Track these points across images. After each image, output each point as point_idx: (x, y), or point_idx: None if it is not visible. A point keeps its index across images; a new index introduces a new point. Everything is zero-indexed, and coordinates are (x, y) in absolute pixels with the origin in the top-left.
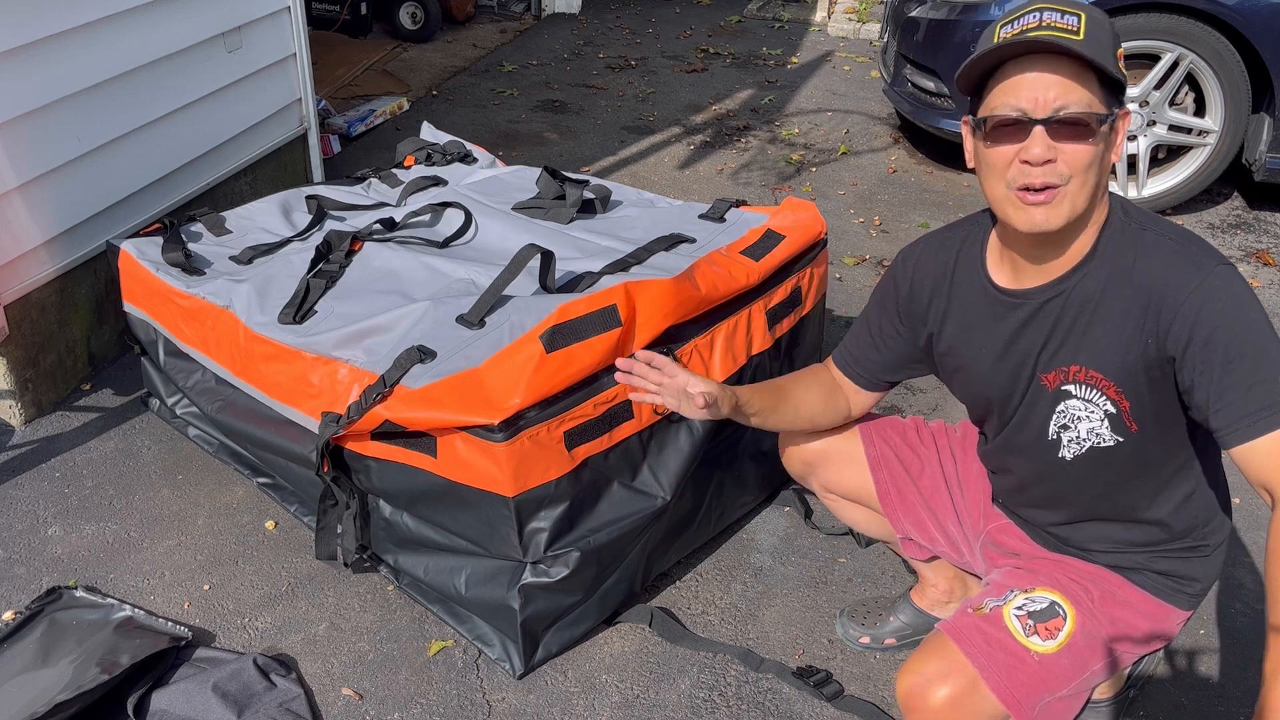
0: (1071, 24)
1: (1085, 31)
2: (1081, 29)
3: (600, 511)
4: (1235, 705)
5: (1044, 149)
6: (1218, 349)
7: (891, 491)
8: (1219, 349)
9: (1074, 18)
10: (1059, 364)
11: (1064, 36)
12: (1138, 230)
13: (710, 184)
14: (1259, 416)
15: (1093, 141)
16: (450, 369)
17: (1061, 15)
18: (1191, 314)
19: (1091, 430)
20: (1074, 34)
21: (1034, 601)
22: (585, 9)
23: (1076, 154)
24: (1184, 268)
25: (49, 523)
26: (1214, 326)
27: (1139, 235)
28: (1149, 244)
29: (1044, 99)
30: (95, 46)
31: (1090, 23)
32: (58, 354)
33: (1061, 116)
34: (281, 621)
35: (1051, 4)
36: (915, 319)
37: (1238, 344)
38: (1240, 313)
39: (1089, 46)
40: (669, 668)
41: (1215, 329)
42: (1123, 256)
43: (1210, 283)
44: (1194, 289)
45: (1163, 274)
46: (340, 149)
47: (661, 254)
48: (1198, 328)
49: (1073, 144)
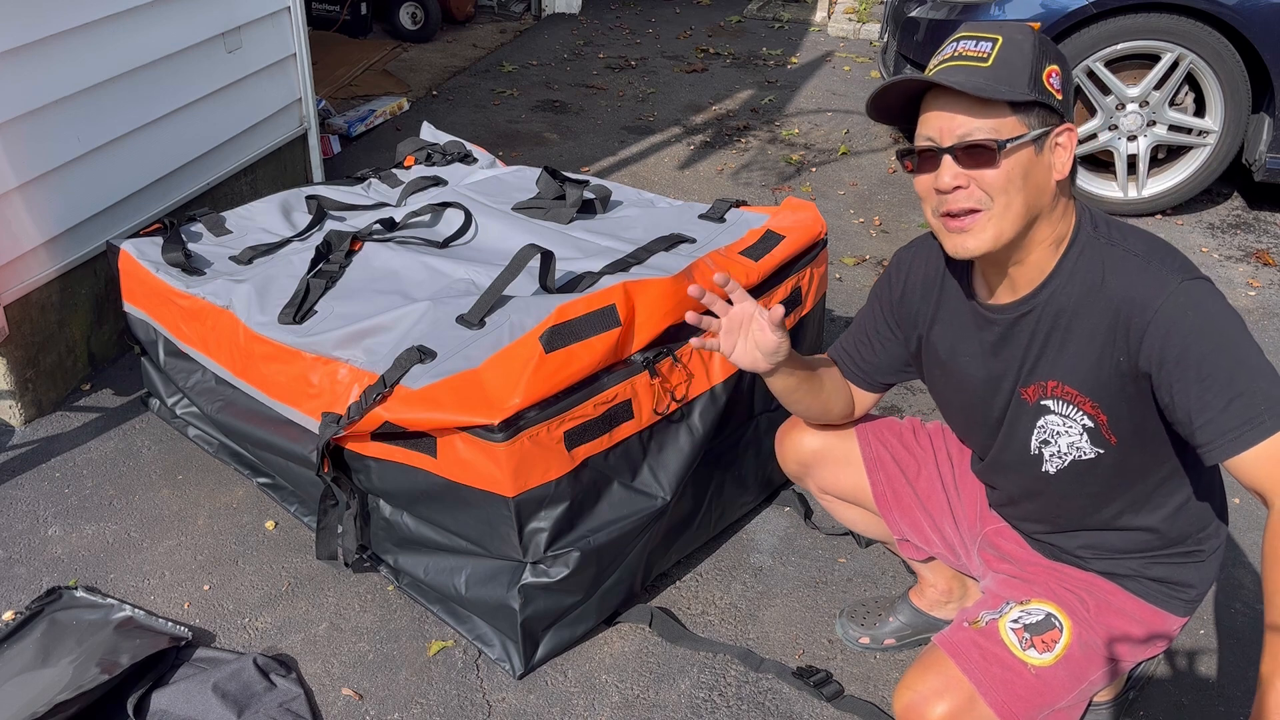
0: (984, 50)
1: (995, 58)
2: (993, 55)
3: (600, 511)
4: (1235, 705)
5: (952, 176)
6: (1191, 366)
7: (887, 493)
8: (1192, 366)
9: (989, 43)
10: (1036, 379)
11: (970, 65)
12: (1105, 245)
13: (710, 184)
14: (1241, 431)
15: (997, 165)
16: (450, 369)
17: (976, 43)
18: (1160, 332)
19: (1071, 444)
20: (982, 62)
21: (1030, 614)
22: (585, 9)
23: (985, 178)
24: (1149, 285)
25: (49, 523)
26: (1185, 344)
27: (1107, 250)
28: (1116, 259)
29: (948, 128)
30: (95, 46)
31: (1005, 47)
32: (58, 354)
33: (965, 144)
34: (281, 621)
35: (973, 32)
36: (906, 323)
37: (1211, 360)
38: (1210, 327)
39: (993, 73)
40: (669, 668)
41: (1187, 346)
42: (1092, 271)
43: (1177, 299)
44: (1159, 307)
45: (1129, 291)
46: (340, 149)
47: (661, 254)
48: (1168, 346)
49: (979, 170)
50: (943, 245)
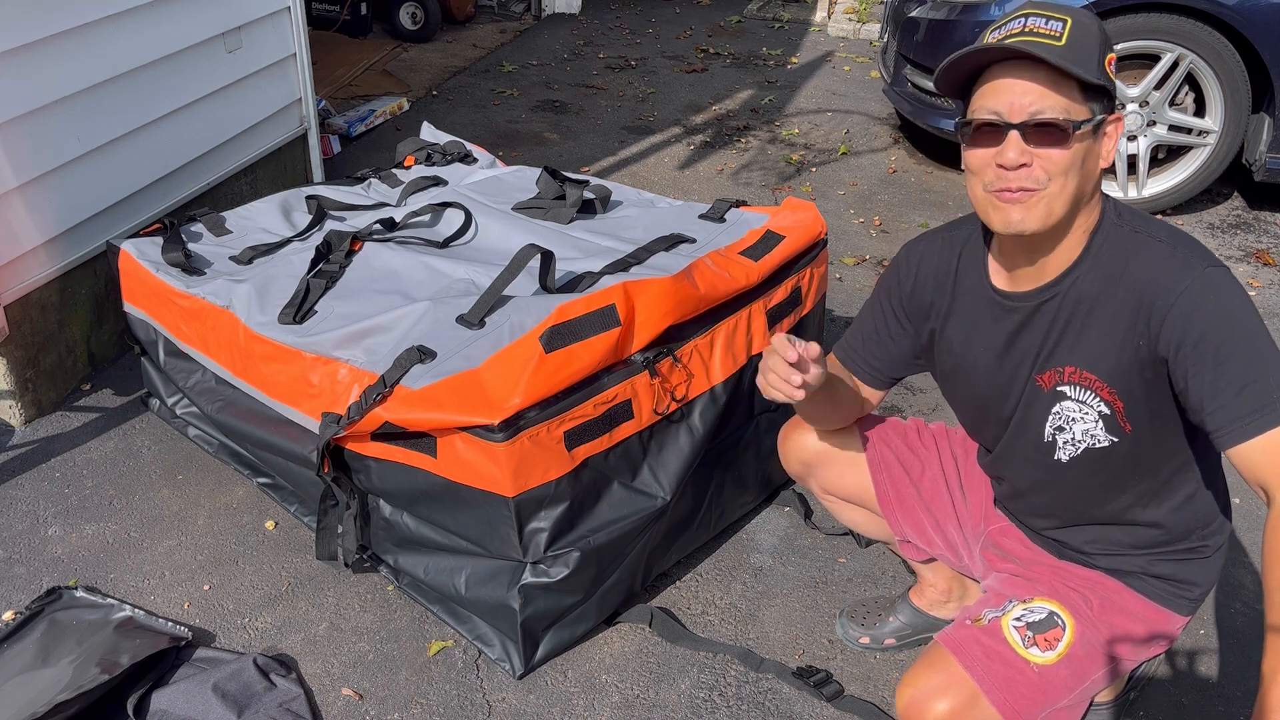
0: (1055, 30)
1: (1068, 38)
2: (1065, 35)
3: (600, 511)
4: (1235, 705)
5: (1018, 153)
6: (1208, 351)
7: (891, 494)
8: (1209, 351)
9: (1059, 23)
10: (1054, 365)
11: (1045, 43)
12: (1130, 232)
13: (710, 184)
14: (1252, 418)
15: (1068, 146)
16: (450, 369)
17: (1046, 21)
18: (1181, 316)
19: (1086, 431)
20: (1056, 40)
21: (1032, 612)
22: (585, 9)
23: (1051, 158)
24: (1174, 270)
25: (49, 523)
26: (1204, 329)
27: (1131, 237)
28: (1140, 246)
29: (1019, 104)
30: (95, 46)
31: (1076, 28)
32: (58, 354)
33: (1036, 121)
34: (281, 621)
35: (1041, 10)
36: (918, 316)
37: (1228, 346)
38: (1230, 314)
39: (1068, 53)
40: (669, 668)
41: (1205, 331)
42: (1115, 259)
43: (1200, 284)
44: (1183, 291)
45: (1153, 276)
46: (340, 149)
47: (661, 254)
48: (1188, 330)
49: (1047, 149)
50: (989, 220)
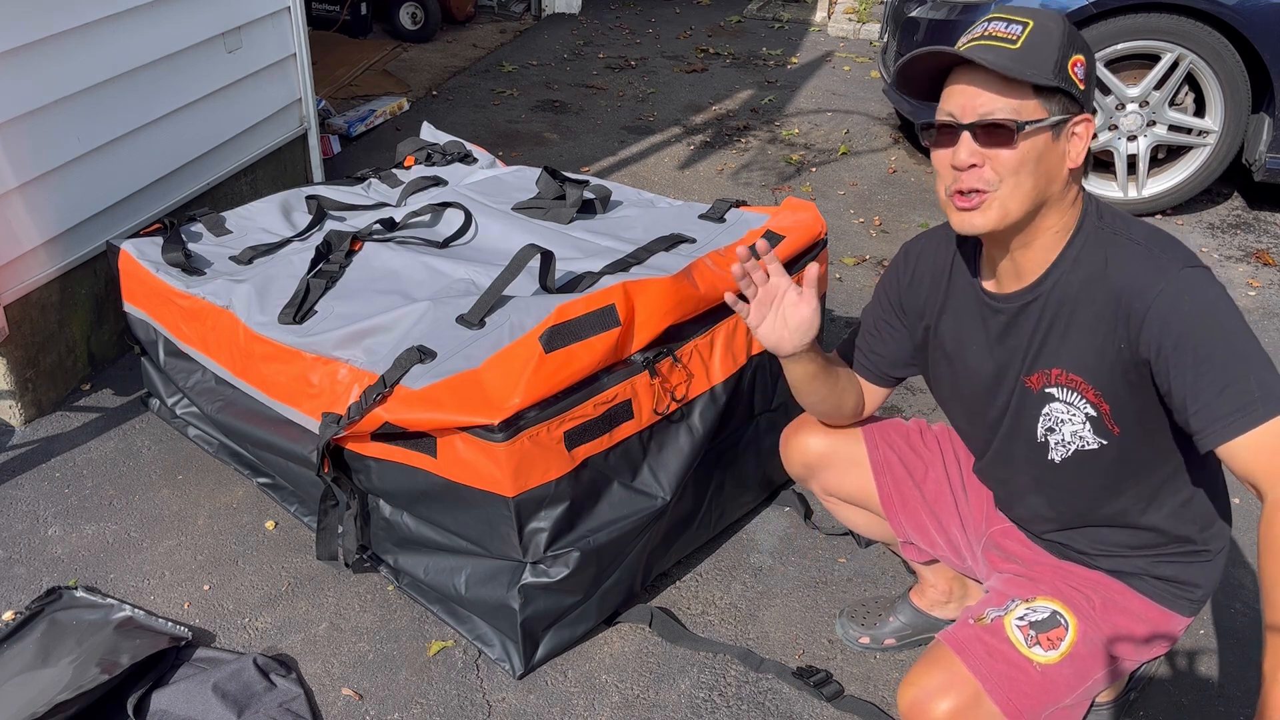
0: (1014, 33)
1: (1024, 41)
2: (1022, 38)
3: (600, 511)
4: (1235, 705)
5: (968, 153)
6: (1188, 353)
7: (894, 496)
8: (1189, 353)
9: (1020, 26)
10: (1041, 366)
11: (999, 46)
12: (1109, 234)
13: (710, 184)
14: (1234, 418)
15: (1014, 146)
16: (450, 369)
17: (1007, 25)
18: (1159, 319)
19: (1075, 433)
20: (1011, 44)
21: (1035, 611)
22: (585, 9)
23: (1000, 158)
24: (1149, 272)
25: (49, 523)
26: (1182, 330)
27: (1110, 239)
28: (1119, 248)
29: (970, 105)
30: (95, 46)
31: (1035, 32)
32: (58, 354)
33: (985, 122)
34: (281, 621)
35: (1006, 14)
36: (913, 312)
37: (1207, 346)
38: (1208, 314)
39: (1020, 55)
40: (669, 668)
41: (1184, 333)
42: (1095, 261)
43: (1175, 286)
44: (1159, 293)
45: (1130, 279)
46: (340, 149)
47: (662, 254)
48: (1166, 332)
49: (996, 149)
50: (951, 221)
